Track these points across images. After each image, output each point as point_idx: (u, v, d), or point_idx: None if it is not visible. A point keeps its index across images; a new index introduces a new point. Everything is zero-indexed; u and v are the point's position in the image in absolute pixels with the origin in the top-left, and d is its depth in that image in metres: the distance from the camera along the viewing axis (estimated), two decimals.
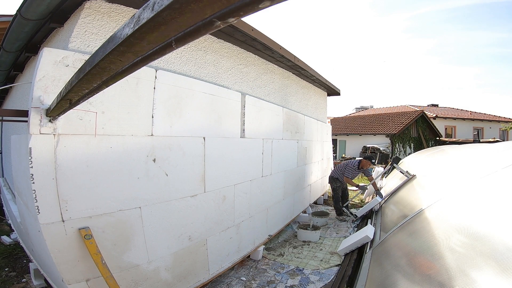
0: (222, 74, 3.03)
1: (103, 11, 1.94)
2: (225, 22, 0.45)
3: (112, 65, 0.70)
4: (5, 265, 2.99)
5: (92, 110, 1.72)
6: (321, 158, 6.26)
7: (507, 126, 18.21)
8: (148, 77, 2.04)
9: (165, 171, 2.15)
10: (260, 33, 3.10)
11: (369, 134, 14.80)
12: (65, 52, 1.64)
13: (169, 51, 0.59)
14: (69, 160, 1.61)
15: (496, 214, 1.60)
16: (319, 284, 2.81)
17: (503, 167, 2.14)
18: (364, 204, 5.41)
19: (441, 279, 1.35)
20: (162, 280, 2.17)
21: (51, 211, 1.54)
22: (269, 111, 3.68)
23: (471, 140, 13.37)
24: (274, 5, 0.41)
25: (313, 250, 3.65)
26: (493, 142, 9.70)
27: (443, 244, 1.63)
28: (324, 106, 6.83)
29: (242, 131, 3.07)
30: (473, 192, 2.08)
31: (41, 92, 1.53)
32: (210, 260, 2.65)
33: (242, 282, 2.81)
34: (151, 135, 2.06)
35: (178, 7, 0.43)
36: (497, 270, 1.17)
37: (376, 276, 2.07)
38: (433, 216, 2.12)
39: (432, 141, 16.00)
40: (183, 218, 2.32)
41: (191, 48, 2.62)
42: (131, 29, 0.53)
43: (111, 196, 1.82)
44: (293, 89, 4.94)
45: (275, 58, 3.89)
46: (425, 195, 2.89)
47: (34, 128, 1.49)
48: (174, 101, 2.25)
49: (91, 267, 1.67)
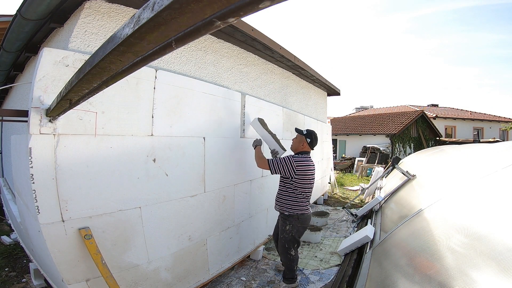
0: (222, 74, 3.03)
1: (103, 11, 1.94)
2: (225, 22, 0.45)
3: (112, 65, 0.70)
4: (5, 265, 2.99)
5: (92, 110, 1.72)
6: (321, 158, 6.26)
7: (507, 126, 18.20)
8: (148, 77, 2.04)
9: (165, 171, 2.15)
10: (260, 33, 3.10)
11: (369, 134, 14.79)
12: (65, 52, 1.64)
13: (169, 51, 0.59)
14: (69, 160, 1.61)
15: (496, 214, 1.60)
16: (319, 284, 2.81)
17: (503, 167, 2.14)
18: (364, 204, 5.41)
19: (441, 279, 1.35)
20: (162, 280, 2.17)
21: (51, 211, 1.54)
22: (269, 111, 3.68)
23: (471, 140, 13.37)
24: (274, 5, 0.41)
25: (313, 250, 3.65)
26: (493, 142, 9.70)
27: (443, 244, 1.63)
28: (324, 106, 6.83)
29: (242, 131, 3.07)
30: (473, 192, 2.08)
31: (41, 92, 1.53)
32: (210, 260, 2.65)
33: (242, 282, 2.81)
34: (151, 135, 2.06)
35: (178, 7, 0.43)
36: (497, 270, 1.17)
37: (376, 276, 2.07)
38: (433, 216, 2.12)
39: (432, 141, 15.99)
40: (183, 218, 2.33)
41: (191, 48, 2.62)
42: (131, 29, 0.53)
43: (111, 196, 1.82)
44: (293, 89, 4.94)
45: (275, 58, 3.89)
46: (425, 195, 2.89)
47: (34, 128, 1.49)
48: (174, 101, 2.25)
49: (91, 267, 1.67)
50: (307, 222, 2.69)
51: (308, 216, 2.69)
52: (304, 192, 2.61)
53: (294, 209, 2.60)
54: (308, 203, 2.69)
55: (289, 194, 2.62)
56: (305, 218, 2.65)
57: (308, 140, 2.69)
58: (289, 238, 2.61)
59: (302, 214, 2.61)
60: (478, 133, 14.58)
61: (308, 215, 2.68)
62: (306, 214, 2.65)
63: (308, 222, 2.71)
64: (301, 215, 2.61)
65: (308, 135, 2.71)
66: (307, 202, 2.67)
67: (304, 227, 2.68)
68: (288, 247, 2.62)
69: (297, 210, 2.60)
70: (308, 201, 2.69)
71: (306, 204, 2.66)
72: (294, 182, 2.58)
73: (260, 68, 3.79)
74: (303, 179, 2.57)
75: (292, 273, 2.66)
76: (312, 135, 2.71)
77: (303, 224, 2.65)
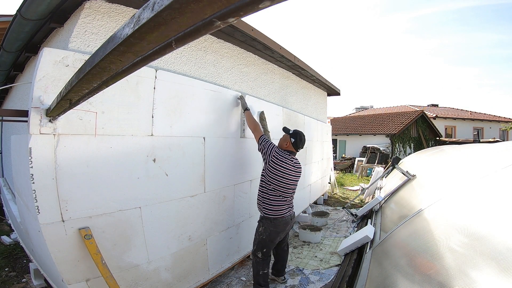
0: (222, 74, 3.03)
1: (103, 11, 1.94)
2: (225, 22, 0.45)
3: (112, 65, 0.70)
4: (5, 265, 2.99)
5: (92, 110, 1.72)
6: (321, 158, 6.26)
7: (507, 126, 18.21)
8: (148, 77, 2.04)
9: (165, 171, 2.15)
10: (260, 33, 3.10)
11: (369, 134, 14.79)
12: (65, 52, 1.64)
13: (169, 51, 0.59)
14: (69, 160, 1.61)
15: (496, 214, 1.60)
16: (319, 284, 2.81)
17: (503, 167, 2.14)
18: (364, 204, 5.41)
19: (441, 279, 1.35)
20: (162, 280, 2.17)
21: (51, 211, 1.54)
22: (269, 111, 3.67)
23: (471, 140, 13.37)
24: (274, 5, 0.41)
25: (313, 250, 3.65)
26: (493, 142, 9.70)
27: (443, 244, 1.63)
28: (324, 106, 6.83)
29: (242, 131, 3.07)
30: (473, 192, 2.08)
31: (41, 92, 1.52)
32: (210, 260, 2.65)
33: (242, 282, 2.81)
34: (151, 135, 2.06)
35: (178, 7, 0.43)
36: (497, 270, 1.17)
37: (376, 276, 2.07)
38: (433, 216, 2.12)
39: (432, 141, 15.99)
40: (183, 218, 2.33)
41: (191, 48, 2.62)
42: (131, 29, 0.53)
43: (111, 196, 1.82)
44: (293, 89, 4.94)
45: (275, 58, 3.89)
46: (425, 195, 2.89)
47: (34, 128, 1.49)
48: (174, 101, 2.25)
49: (91, 267, 1.67)
50: (281, 227, 2.50)
51: (284, 221, 2.50)
52: (282, 194, 2.47)
53: (269, 210, 2.49)
54: (287, 207, 2.53)
55: (265, 193, 2.53)
56: (279, 222, 2.48)
57: (292, 140, 2.56)
58: (259, 240, 2.51)
59: (276, 218, 2.46)
60: (478, 133, 14.57)
61: (284, 220, 2.50)
62: (281, 218, 2.48)
63: (283, 227, 2.52)
64: (274, 219, 2.47)
65: (293, 135, 2.58)
66: (285, 206, 2.51)
67: (278, 232, 2.50)
68: (256, 249, 2.52)
69: (272, 212, 2.47)
70: (287, 204, 2.53)
71: (284, 208, 2.50)
72: (269, 178, 2.48)
73: (260, 68, 3.79)
74: (278, 176, 2.45)
75: (256, 277, 2.50)
76: (297, 135, 2.57)
77: (276, 228, 2.48)
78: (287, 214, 2.53)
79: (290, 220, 2.57)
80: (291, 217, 2.59)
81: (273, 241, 2.53)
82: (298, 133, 2.60)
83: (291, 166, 2.50)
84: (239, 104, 3.02)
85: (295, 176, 2.54)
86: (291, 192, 2.54)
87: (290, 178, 2.50)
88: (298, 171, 2.56)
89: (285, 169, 2.47)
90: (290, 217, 2.57)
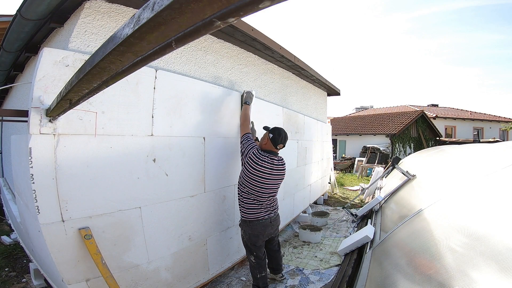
0: (222, 74, 3.03)
1: (103, 11, 1.94)
2: (225, 22, 0.45)
3: (112, 65, 0.70)
4: (5, 265, 2.99)
5: (92, 110, 1.72)
6: (321, 158, 6.26)
7: (507, 126, 18.21)
8: (148, 77, 2.04)
9: (165, 171, 2.15)
10: (260, 33, 3.10)
11: (369, 134, 14.80)
12: (65, 52, 1.64)
13: (169, 51, 0.59)
14: (69, 160, 1.61)
15: (496, 214, 1.60)
16: (319, 284, 2.81)
17: (503, 167, 2.14)
18: (364, 204, 5.41)
19: (441, 279, 1.35)
20: (162, 280, 2.18)
21: (51, 211, 1.54)
22: (269, 111, 3.68)
23: (471, 140, 13.37)
24: (274, 5, 0.41)
25: (313, 250, 3.65)
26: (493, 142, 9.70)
27: (443, 244, 1.63)
28: (324, 106, 6.83)
29: None
30: (473, 192, 2.08)
31: (41, 92, 1.53)
32: (210, 260, 2.65)
33: (242, 282, 2.81)
34: (151, 135, 2.06)
35: (178, 7, 0.43)
36: (497, 270, 1.17)
37: (376, 276, 2.07)
38: (433, 216, 2.12)
39: (432, 141, 16.00)
40: (183, 218, 2.33)
41: (191, 48, 2.62)
42: (131, 29, 0.53)
43: (111, 196, 1.82)
44: (293, 89, 4.94)
45: (275, 58, 3.89)
46: (425, 195, 2.89)
47: (34, 128, 1.49)
48: (174, 101, 2.25)
49: (91, 267, 1.67)
50: (259, 230, 2.38)
51: (262, 223, 2.38)
52: (256, 198, 2.36)
53: (244, 213, 2.41)
54: (264, 210, 2.41)
55: (240, 196, 2.45)
56: (255, 225, 2.36)
57: (270, 135, 2.37)
58: (244, 244, 2.50)
59: (251, 221, 2.37)
60: (478, 133, 14.58)
61: (261, 222, 2.37)
62: (257, 221, 2.37)
63: (262, 230, 2.39)
64: (250, 222, 2.38)
65: (272, 130, 2.40)
66: (261, 209, 2.39)
67: (257, 235, 2.39)
68: (247, 253, 2.52)
69: (247, 216, 2.39)
70: (263, 208, 2.41)
71: (260, 211, 2.38)
72: (243, 180, 2.38)
73: (260, 68, 3.79)
74: (252, 180, 2.33)
75: (255, 281, 2.46)
76: (275, 131, 2.38)
77: (254, 231, 2.37)
78: (266, 217, 2.41)
79: (270, 223, 2.44)
80: (271, 220, 2.46)
81: (255, 244, 2.43)
82: (277, 128, 2.44)
83: (269, 169, 2.35)
84: (239, 104, 3.02)
85: (276, 178, 2.41)
86: (267, 196, 2.41)
87: (268, 182, 2.36)
88: (279, 171, 2.42)
89: (261, 173, 2.33)
90: (270, 219, 2.44)
